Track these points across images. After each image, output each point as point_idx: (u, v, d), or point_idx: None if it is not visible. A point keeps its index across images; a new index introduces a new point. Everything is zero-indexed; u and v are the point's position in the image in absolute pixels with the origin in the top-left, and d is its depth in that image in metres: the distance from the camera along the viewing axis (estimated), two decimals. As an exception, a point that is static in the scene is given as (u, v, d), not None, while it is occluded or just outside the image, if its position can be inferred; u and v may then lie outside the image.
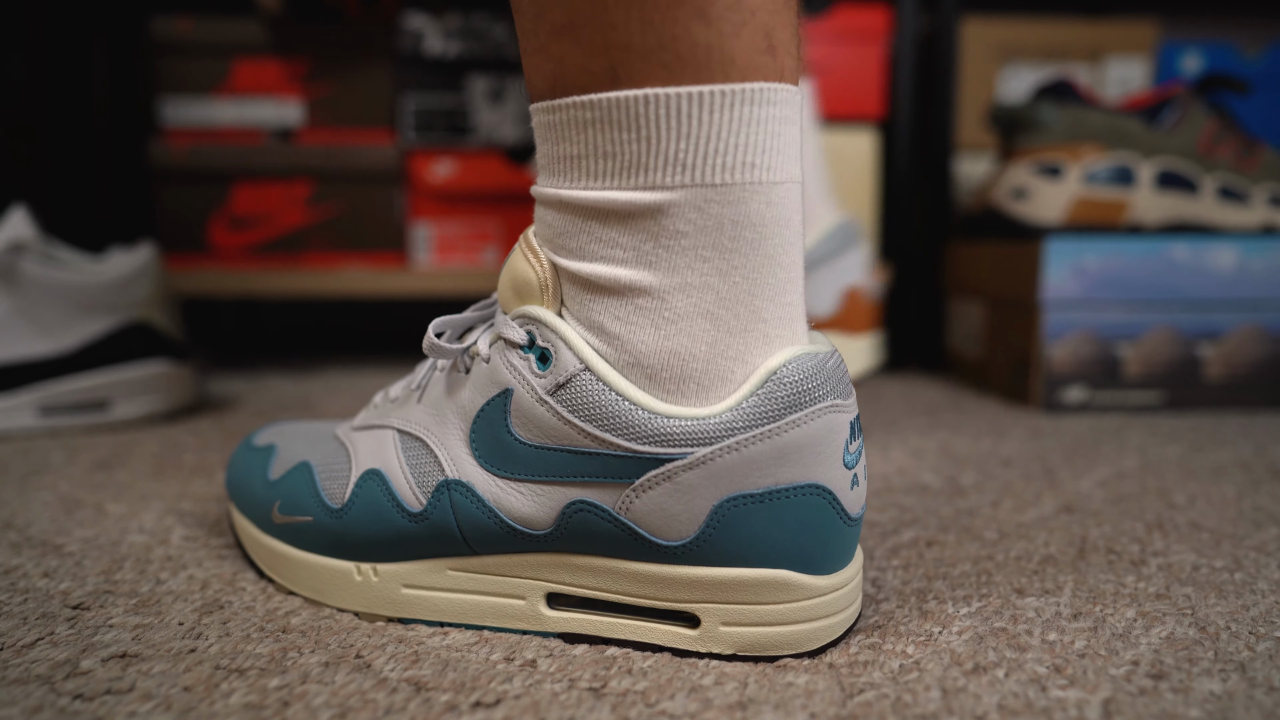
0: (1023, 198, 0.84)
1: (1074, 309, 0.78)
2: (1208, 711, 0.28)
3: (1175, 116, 0.84)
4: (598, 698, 0.29)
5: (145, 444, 0.65)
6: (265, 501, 0.38)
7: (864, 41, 1.05)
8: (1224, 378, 0.79)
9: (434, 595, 0.34)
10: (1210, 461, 0.60)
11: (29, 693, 0.29)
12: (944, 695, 0.29)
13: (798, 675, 0.30)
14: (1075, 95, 0.85)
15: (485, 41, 1.02)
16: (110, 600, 0.36)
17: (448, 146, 1.04)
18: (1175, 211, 0.84)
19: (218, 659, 0.31)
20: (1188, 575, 0.39)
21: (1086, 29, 1.11)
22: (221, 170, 1.01)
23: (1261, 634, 0.33)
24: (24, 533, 0.45)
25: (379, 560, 0.35)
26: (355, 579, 0.35)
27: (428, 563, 0.34)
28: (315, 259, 1.03)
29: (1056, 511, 0.49)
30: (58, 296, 0.69)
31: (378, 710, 0.28)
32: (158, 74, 1.01)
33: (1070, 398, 0.79)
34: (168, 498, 0.51)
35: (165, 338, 0.74)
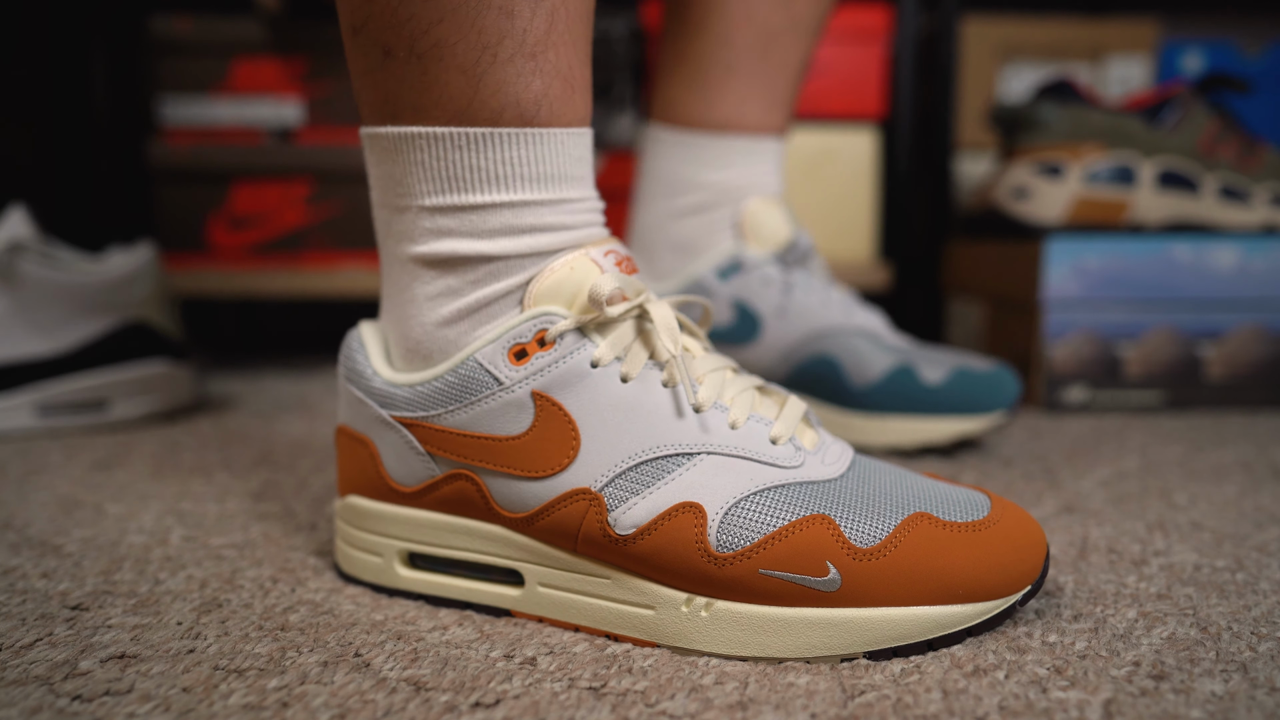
0: (1023, 197, 0.84)
1: (1075, 309, 0.78)
2: (1209, 712, 0.28)
3: (1176, 116, 0.84)
4: (598, 697, 0.29)
5: (144, 444, 0.65)
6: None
7: (864, 41, 1.05)
8: (1225, 377, 0.79)
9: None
10: (1211, 461, 0.60)
11: (28, 693, 0.29)
12: (944, 696, 0.29)
13: (799, 675, 0.30)
14: (1076, 95, 0.85)
15: (485, 41, 1.02)
16: (109, 601, 0.36)
17: (447, 146, 1.03)
18: (1176, 211, 0.84)
19: (216, 659, 0.31)
20: (1189, 575, 0.39)
21: (1087, 28, 1.10)
22: (221, 170, 1.01)
23: (1263, 634, 0.33)
24: (23, 533, 0.45)
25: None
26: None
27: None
28: (315, 259, 1.03)
29: (1057, 511, 0.49)
30: (56, 296, 0.69)
31: (377, 711, 0.28)
32: (157, 73, 1.01)
33: (1071, 398, 0.79)
34: (167, 498, 0.51)
35: (164, 338, 0.74)
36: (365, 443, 0.38)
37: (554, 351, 0.34)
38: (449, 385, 0.35)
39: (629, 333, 0.35)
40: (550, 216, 0.35)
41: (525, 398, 0.34)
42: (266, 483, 0.54)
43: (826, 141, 1.06)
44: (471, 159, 0.34)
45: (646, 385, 0.34)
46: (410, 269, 0.36)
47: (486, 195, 0.34)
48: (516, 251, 0.35)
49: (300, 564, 0.41)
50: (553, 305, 0.34)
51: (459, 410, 0.35)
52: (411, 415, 0.36)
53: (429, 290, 0.36)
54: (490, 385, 0.34)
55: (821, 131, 1.06)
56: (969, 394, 0.59)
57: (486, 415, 0.34)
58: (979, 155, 1.12)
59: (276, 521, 0.47)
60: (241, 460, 0.60)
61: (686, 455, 0.33)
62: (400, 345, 0.37)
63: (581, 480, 0.33)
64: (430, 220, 0.35)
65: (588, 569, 0.34)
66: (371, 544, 0.38)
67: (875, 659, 0.31)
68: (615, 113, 1.04)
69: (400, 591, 0.38)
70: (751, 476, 0.33)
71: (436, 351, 0.36)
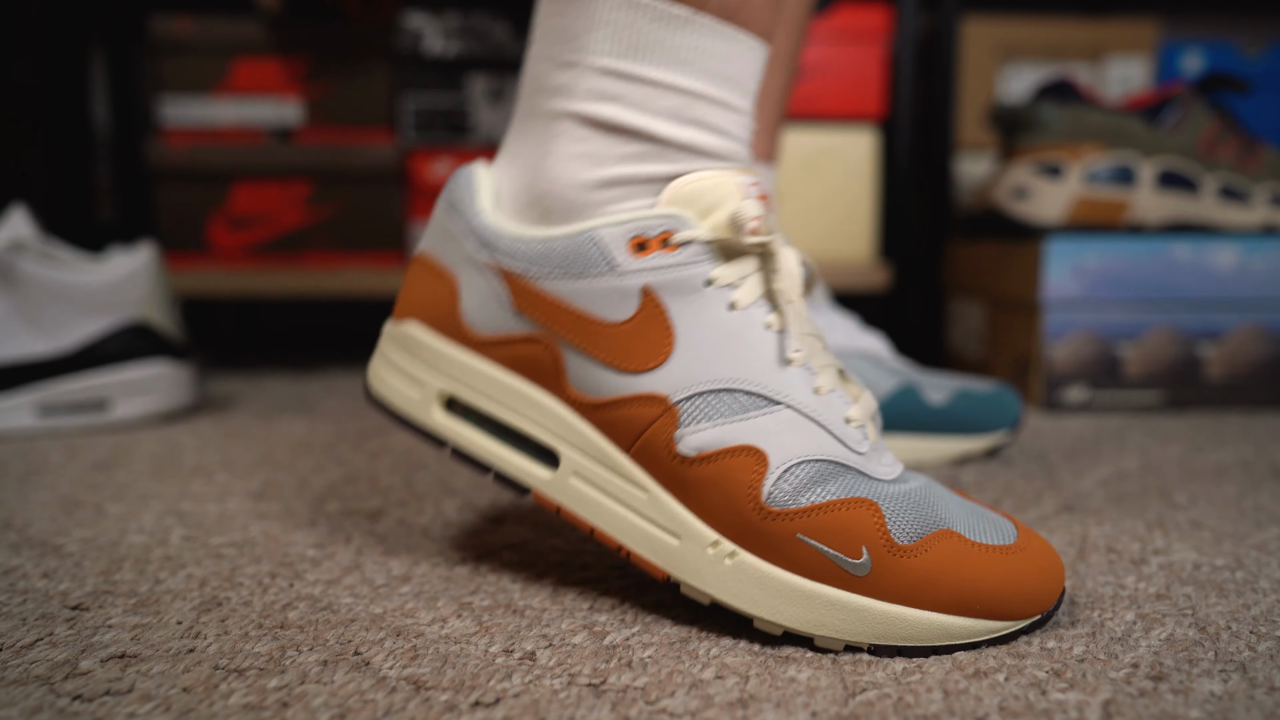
0: (1023, 197, 0.84)
1: (1074, 309, 0.78)
2: (1208, 712, 0.28)
3: (1176, 116, 0.84)
4: (597, 695, 0.29)
5: (144, 444, 0.65)
6: None
7: (864, 41, 1.05)
8: (1225, 377, 0.79)
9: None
10: (1211, 461, 0.60)
11: (28, 693, 0.29)
12: (945, 696, 0.29)
13: (800, 670, 0.30)
14: (1076, 95, 0.85)
15: (485, 41, 1.02)
16: (109, 600, 0.36)
17: (447, 146, 1.04)
18: (1176, 211, 0.84)
19: (216, 659, 0.31)
20: (1188, 574, 0.39)
21: (1087, 28, 1.10)
22: (221, 170, 1.01)
23: (1262, 633, 0.33)
24: (23, 533, 0.45)
25: None
26: None
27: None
28: (315, 259, 1.03)
29: (1057, 511, 0.49)
30: (57, 296, 0.69)
31: (377, 711, 0.28)
32: (157, 73, 1.01)
33: (1071, 397, 0.79)
34: (167, 498, 0.51)
35: (165, 338, 0.74)
36: (445, 277, 0.37)
37: (676, 255, 0.33)
38: (563, 251, 0.34)
39: (750, 266, 0.34)
40: (717, 117, 0.35)
41: (635, 289, 0.33)
42: (267, 482, 0.54)
43: (826, 141, 1.06)
44: (664, 34, 0.33)
45: (750, 321, 0.34)
46: (560, 124, 0.35)
47: (666, 74, 0.34)
48: (676, 139, 0.34)
49: (298, 558, 0.41)
50: (686, 210, 0.34)
51: (564, 279, 0.34)
52: (512, 267, 0.35)
53: (574, 149, 0.35)
54: (604, 266, 0.34)
55: (821, 131, 1.06)
56: (972, 414, 0.59)
57: (591, 293, 0.34)
58: (979, 155, 1.12)
59: (276, 521, 0.47)
60: (242, 460, 0.60)
61: (769, 400, 0.33)
62: (522, 195, 0.36)
63: (662, 387, 0.33)
64: (599, 81, 0.34)
65: (631, 476, 0.34)
66: (417, 375, 0.37)
67: (878, 654, 0.32)
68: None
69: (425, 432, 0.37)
70: (820, 444, 0.33)
71: (562, 211, 0.35)
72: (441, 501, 0.51)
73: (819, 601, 0.32)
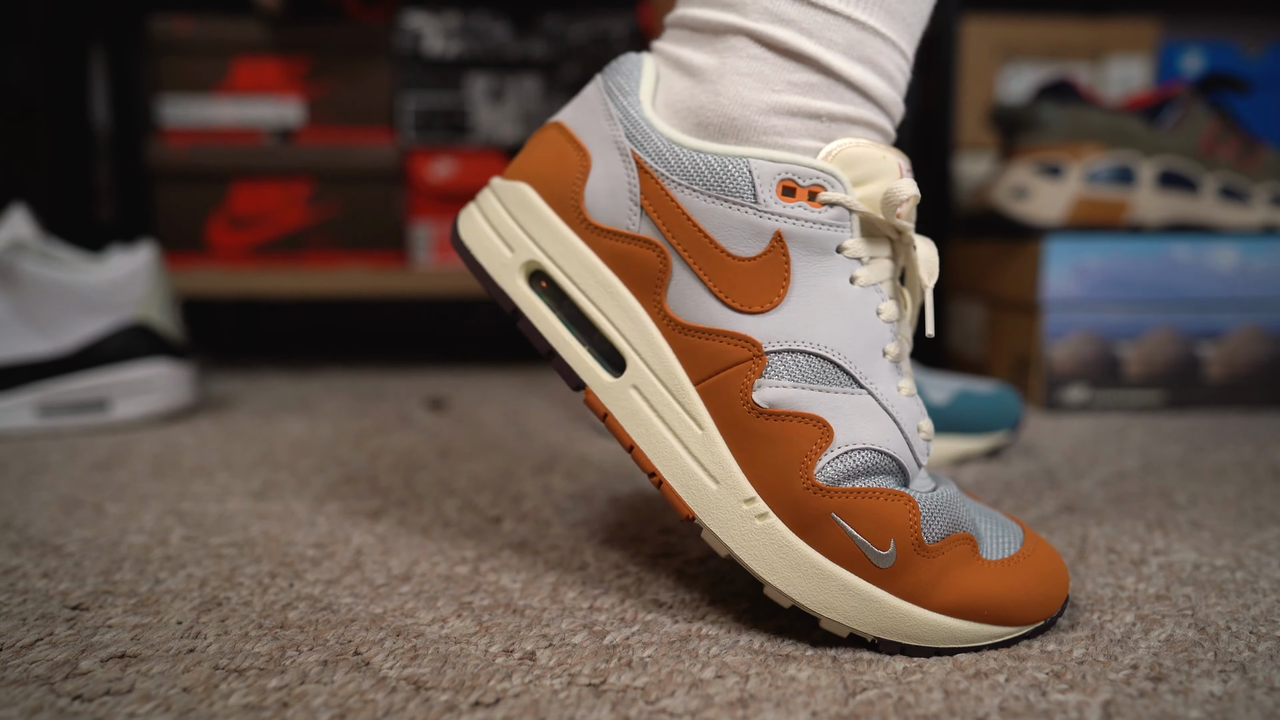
0: (1023, 197, 0.84)
1: (1074, 309, 0.78)
2: (1208, 712, 0.28)
3: (1176, 116, 0.84)
4: (597, 695, 0.29)
5: (145, 444, 0.65)
6: None
7: (864, 41, 1.05)
8: (1225, 378, 0.79)
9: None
10: (1211, 461, 0.60)
11: (28, 693, 0.29)
12: (946, 697, 0.29)
13: (800, 669, 0.30)
14: (1076, 95, 0.85)
15: (485, 41, 1.02)
16: (109, 600, 0.36)
17: (447, 146, 1.04)
18: (1176, 211, 0.84)
19: (216, 658, 0.31)
20: (1188, 575, 0.39)
21: (1087, 28, 1.10)
22: (220, 170, 1.01)
23: (1262, 634, 0.33)
24: (23, 533, 0.45)
25: None
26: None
27: None
28: (315, 259, 1.03)
29: (1057, 511, 0.49)
30: (57, 296, 0.69)
31: (377, 711, 0.28)
32: (156, 73, 1.01)
33: (1071, 398, 0.79)
34: (167, 498, 0.51)
35: (165, 338, 0.74)
36: (585, 155, 0.35)
37: (820, 213, 0.33)
38: (711, 168, 0.33)
39: (884, 248, 0.34)
40: (888, 59, 0.34)
41: (769, 230, 0.33)
42: (267, 482, 0.54)
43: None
44: None
45: (866, 300, 0.34)
46: (732, 39, 0.34)
47: (843, 4, 0.33)
48: (848, 75, 0.33)
49: (298, 557, 0.41)
50: (845, 173, 0.33)
51: (703, 196, 0.33)
52: (655, 167, 0.34)
53: (744, 67, 0.34)
54: (749, 197, 0.33)
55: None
56: (972, 415, 0.60)
57: (725, 218, 0.33)
58: (979, 155, 1.12)
59: (276, 520, 0.47)
60: (242, 460, 0.60)
61: (856, 382, 0.33)
62: (682, 99, 0.35)
63: (759, 334, 0.33)
64: (778, 3, 0.33)
65: (692, 408, 0.33)
66: (514, 237, 0.36)
67: (880, 649, 0.32)
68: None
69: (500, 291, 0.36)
70: (889, 439, 0.33)
71: (720, 126, 0.34)
72: (441, 501, 0.51)
73: (835, 584, 0.32)
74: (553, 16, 1.03)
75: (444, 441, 0.66)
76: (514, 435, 0.68)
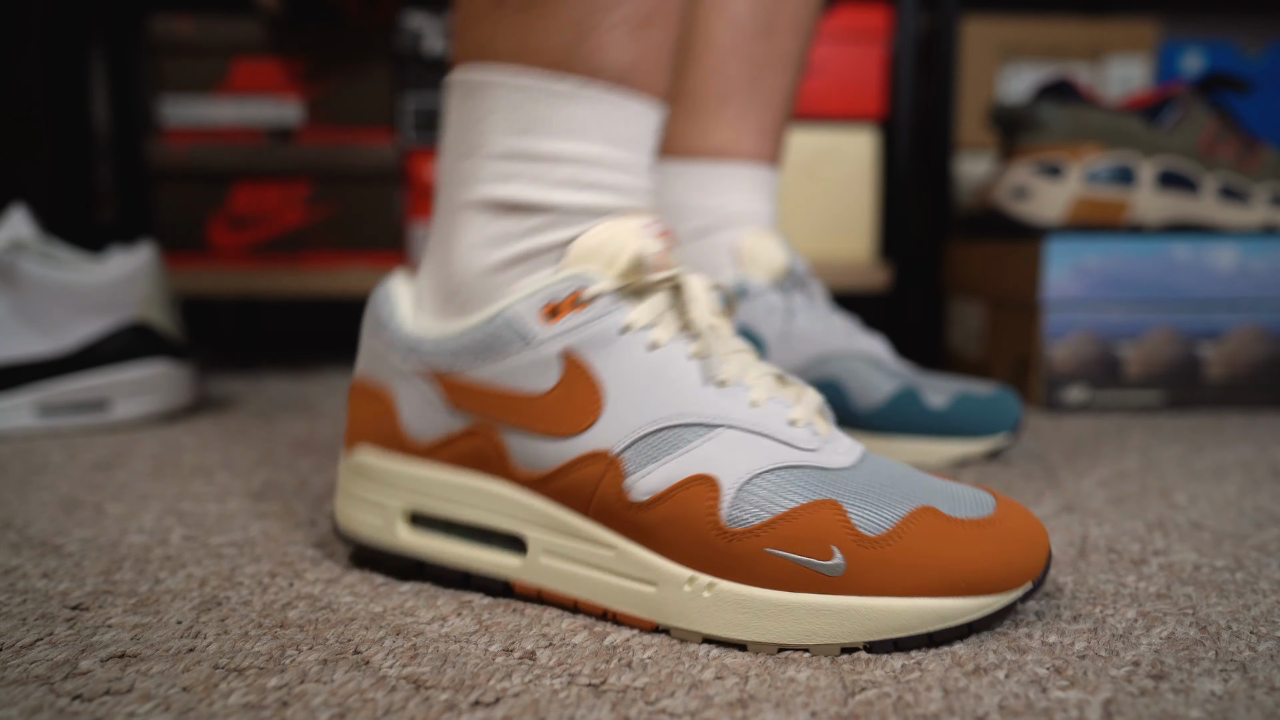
0: (1023, 197, 0.84)
1: (1074, 309, 0.78)
2: (1209, 712, 0.28)
3: (1176, 116, 0.84)
4: (597, 695, 0.29)
5: (145, 444, 0.65)
6: None
7: (864, 41, 1.05)
8: (1225, 378, 0.79)
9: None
10: (1211, 461, 0.60)
11: (28, 693, 0.29)
12: (945, 695, 0.29)
13: (799, 670, 0.30)
14: (1076, 95, 0.85)
15: (485, 41, 1.02)
16: (109, 600, 0.36)
17: (448, 146, 1.03)
18: (1176, 211, 0.84)
19: (216, 658, 0.31)
20: (1189, 575, 0.39)
21: (1087, 28, 1.10)
22: (221, 170, 1.01)
23: (1263, 634, 0.33)
24: (23, 533, 0.45)
25: None
26: None
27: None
28: (315, 259, 1.03)
29: (1057, 511, 0.49)
30: (57, 296, 0.69)
31: (377, 710, 0.28)
32: (157, 73, 1.01)
33: (1071, 398, 0.79)
34: (167, 498, 0.51)
35: (165, 338, 0.74)
36: (381, 396, 0.38)
37: (587, 312, 0.34)
38: (480, 338, 0.35)
39: (662, 302, 0.35)
40: (615, 178, 0.35)
41: (553, 356, 0.34)
42: (267, 482, 0.54)
43: (826, 141, 1.06)
44: (555, 109, 0.35)
45: (674, 355, 0.34)
46: (465, 215, 0.36)
47: (560, 145, 0.35)
48: (577, 205, 0.35)
49: (298, 557, 0.41)
50: (589, 266, 0.34)
51: (486, 364, 0.35)
52: (437, 368, 0.36)
53: (480, 236, 0.36)
54: (520, 341, 0.34)
55: (821, 131, 1.06)
56: (972, 417, 0.60)
57: (513, 371, 0.35)
58: (979, 155, 1.12)
59: (276, 520, 0.47)
60: (242, 460, 0.60)
61: (707, 426, 0.33)
62: (438, 292, 0.37)
63: (601, 443, 0.34)
64: (500, 165, 0.35)
65: (594, 537, 0.34)
66: (374, 501, 0.38)
67: (875, 651, 0.31)
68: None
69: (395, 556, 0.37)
70: (768, 454, 0.33)
71: (475, 299, 0.36)
72: (441, 501, 0.50)
73: (803, 610, 0.31)
74: (553, 16, 1.03)
75: (444, 441, 0.66)
76: (514, 435, 0.68)
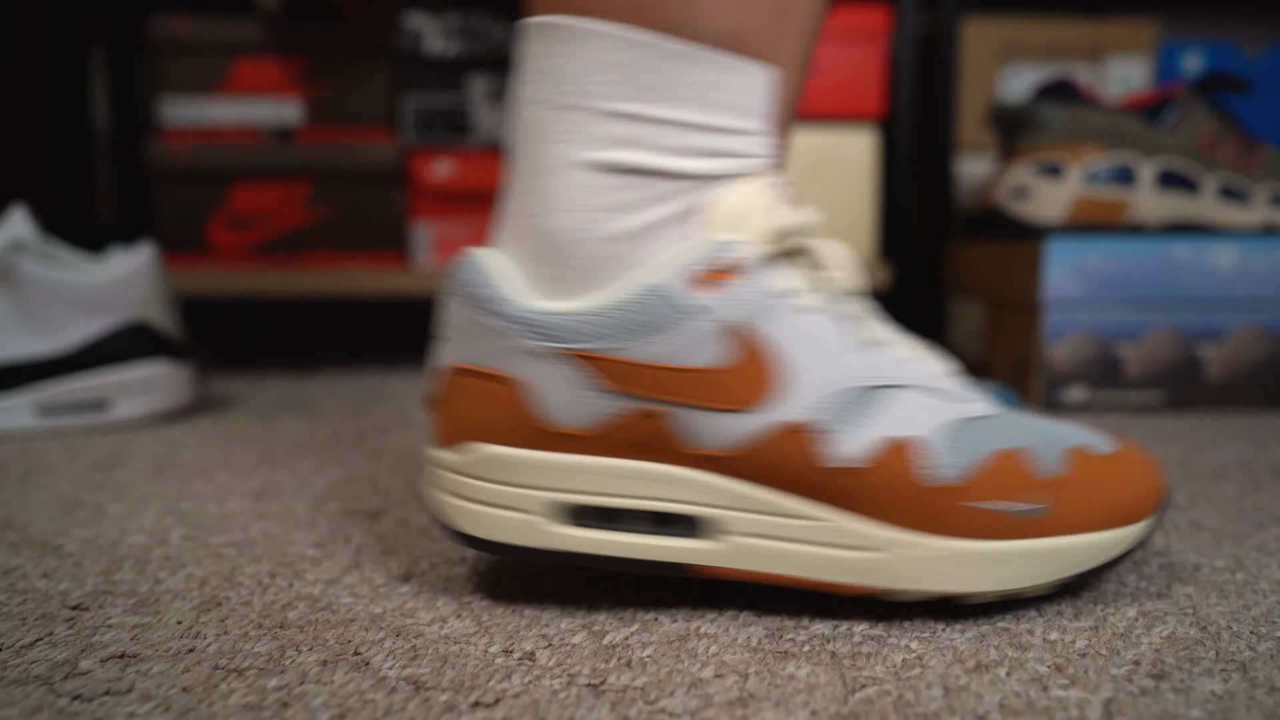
0: (1023, 197, 0.84)
1: (1074, 309, 0.78)
2: (1209, 711, 0.28)
3: (1176, 116, 0.84)
4: (597, 695, 0.29)
5: (145, 444, 0.65)
6: None
7: (864, 41, 1.05)
8: (1225, 378, 0.79)
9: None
10: (1211, 461, 0.60)
11: (28, 693, 0.29)
12: (946, 693, 0.29)
13: (799, 667, 0.30)
14: (1076, 95, 0.85)
15: (485, 41, 1.02)
16: (109, 600, 0.36)
17: (448, 146, 1.04)
18: (1176, 211, 0.84)
19: (216, 658, 0.31)
20: (1189, 575, 0.39)
21: (1087, 28, 1.10)
22: (221, 170, 1.01)
23: (1263, 634, 0.33)
24: (23, 533, 0.45)
25: None
26: None
27: None
28: (315, 259, 1.03)
29: (1057, 511, 0.49)
30: (57, 296, 0.69)
31: (377, 711, 0.28)
32: (157, 73, 1.01)
33: (1071, 398, 0.79)
34: (167, 498, 0.51)
35: (165, 338, 0.74)
36: (505, 380, 0.33)
37: (746, 280, 0.32)
38: (632, 313, 0.32)
39: (804, 264, 0.34)
40: (736, 144, 0.34)
41: (719, 327, 0.32)
42: (267, 482, 0.54)
43: (826, 141, 1.06)
44: (671, 71, 0.32)
45: (831, 317, 0.34)
46: (575, 175, 0.33)
47: (680, 112, 0.33)
48: (702, 172, 0.33)
49: (298, 557, 0.41)
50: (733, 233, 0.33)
51: (644, 341, 0.32)
52: (587, 347, 0.32)
53: (596, 201, 0.32)
54: (678, 313, 0.32)
55: (821, 131, 1.06)
56: None
57: (682, 346, 0.32)
58: (979, 155, 1.12)
59: (277, 520, 0.47)
60: (242, 460, 0.60)
61: (891, 387, 0.33)
62: (551, 264, 0.33)
63: (789, 412, 0.32)
64: (611, 125, 0.32)
65: (796, 511, 0.33)
66: (515, 498, 0.33)
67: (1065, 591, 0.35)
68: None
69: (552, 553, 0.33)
70: (945, 410, 0.33)
71: (597, 271, 0.33)
72: (441, 501, 0.51)
73: (1017, 557, 0.33)
74: (553, 17, 1.03)
75: (444, 441, 0.66)
76: (514, 435, 0.68)
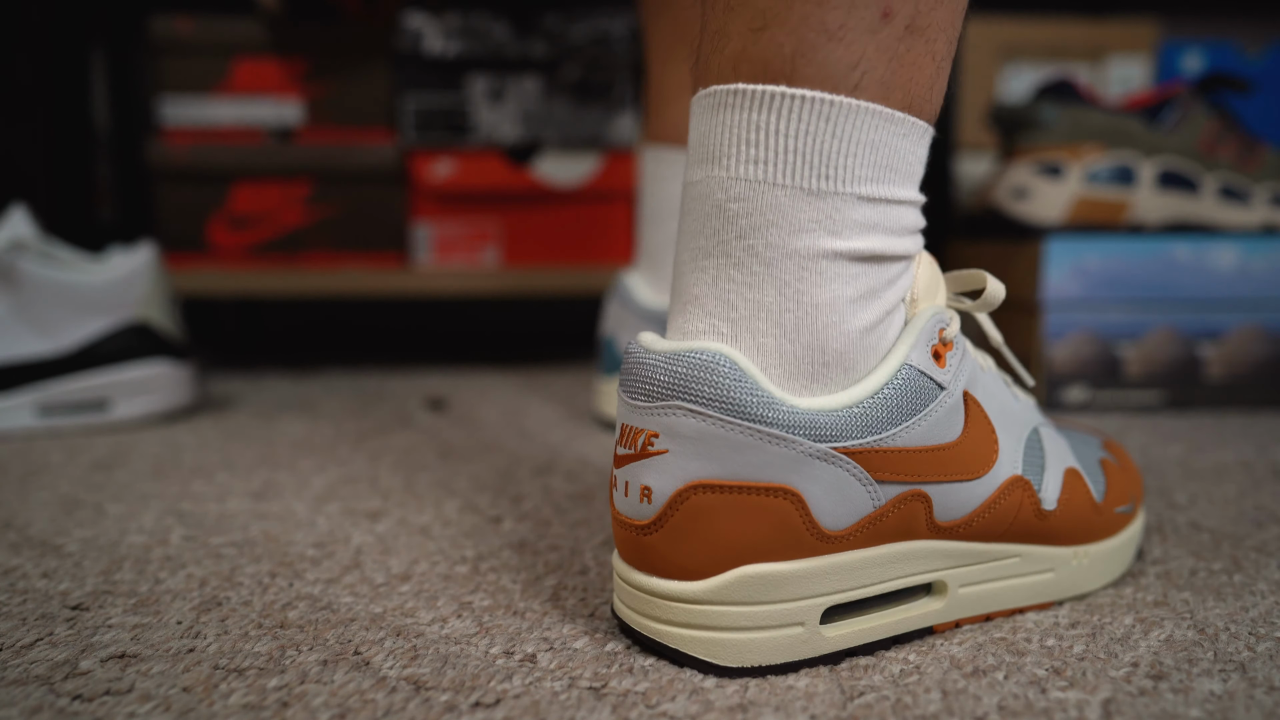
0: (1023, 197, 0.84)
1: (1075, 309, 0.78)
2: (1208, 711, 0.28)
3: (1176, 116, 0.84)
4: (598, 698, 0.29)
5: (145, 444, 0.65)
6: None
7: (864, 41, 1.05)
8: (1225, 377, 0.79)
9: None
10: (1211, 461, 0.60)
11: (28, 693, 0.29)
12: (944, 697, 0.29)
13: (798, 678, 0.30)
14: (1076, 95, 0.85)
15: (485, 41, 1.02)
16: (109, 600, 0.36)
17: (448, 146, 1.04)
18: (1176, 211, 0.84)
19: (216, 658, 0.31)
20: (1185, 581, 0.39)
21: (1087, 28, 1.10)
22: (221, 170, 1.01)
23: (1261, 634, 0.33)
24: (23, 533, 0.45)
25: None
26: None
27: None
28: (315, 259, 1.03)
29: (1057, 511, 0.49)
30: (57, 296, 0.69)
31: (377, 711, 0.28)
32: (157, 73, 1.01)
33: (1071, 398, 0.79)
34: (167, 498, 0.51)
35: (165, 338, 0.74)
36: (787, 491, 0.30)
37: (957, 349, 0.33)
38: (895, 399, 0.31)
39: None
40: (919, 218, 0.34)
41: (959, 399, 0.33)
42: (267, 482, 0.54)
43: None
44: (906, 148, 0.31)
45: (996, 377, 0.37)
46: (827, 267, 0.30)
47: (903, 190, 0.32)
48: (909, 253, 0.33)
49: (298, 557, 0.41)
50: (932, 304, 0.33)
51: (911, 425, 0.31)
52: (857, 443, 0.30)
53: (849, 291, 0.31)
54: (935, 391, 0.32)
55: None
56: None
57: (935, 425, 0.32)
58: (979, 155, 1.12)
59: (277, 520, 0.47)
60: (242, 460, 0.60)
61: (1039, 428, 0.38)
62: (807, 361, 0.31)
63: (1008, 470, 0.35)
64: (861, 211, 0.30)
65: (1000, 554, 0.35)
66: (785, 615, 0.31)
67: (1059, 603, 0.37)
68: (615, 113, 1.04)
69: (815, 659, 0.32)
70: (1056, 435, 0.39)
71: (860, 363, 0.31)
72: (441, 502, 0.51)
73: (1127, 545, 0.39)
74: (553, 16, 1.03)
75: (444, 441, 0.66)
76: (514, 435, 0.68)
